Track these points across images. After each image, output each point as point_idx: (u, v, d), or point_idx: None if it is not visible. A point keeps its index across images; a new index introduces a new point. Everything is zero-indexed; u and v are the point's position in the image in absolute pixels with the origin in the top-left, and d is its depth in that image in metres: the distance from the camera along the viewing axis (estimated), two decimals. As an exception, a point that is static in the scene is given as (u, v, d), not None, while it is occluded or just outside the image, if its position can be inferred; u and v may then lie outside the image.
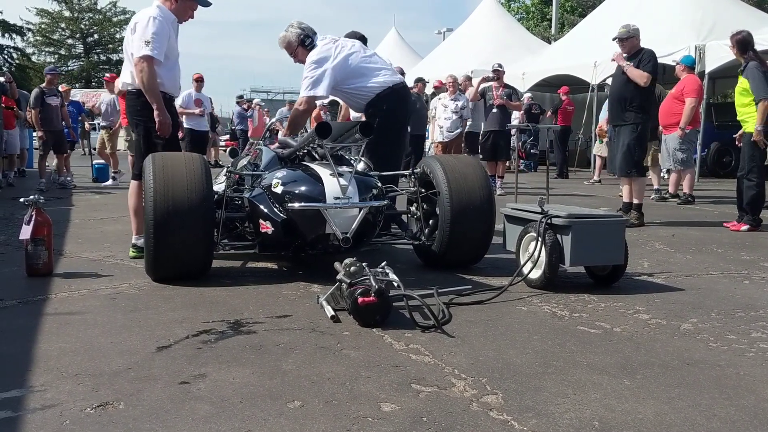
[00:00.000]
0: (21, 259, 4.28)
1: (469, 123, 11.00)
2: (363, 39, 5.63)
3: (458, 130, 10.88)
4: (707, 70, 11.94)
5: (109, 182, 11.22)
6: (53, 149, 10.62)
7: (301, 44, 5.08)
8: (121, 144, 12.69)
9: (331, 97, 5.65)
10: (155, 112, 4.51)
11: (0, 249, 5.18)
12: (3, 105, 10.19)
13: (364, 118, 5.13)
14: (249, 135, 17.17)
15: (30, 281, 4.08)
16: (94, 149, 11.96)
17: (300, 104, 5.06)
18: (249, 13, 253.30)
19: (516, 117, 12.03)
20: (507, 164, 11.03)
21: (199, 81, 12.00)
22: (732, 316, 3.45)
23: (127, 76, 4.63)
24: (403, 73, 9.07)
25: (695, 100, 8.63)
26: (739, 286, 4.17)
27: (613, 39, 6.77)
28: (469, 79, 11.82)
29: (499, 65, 10.56)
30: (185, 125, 11.93)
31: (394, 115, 5.05)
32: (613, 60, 6.86)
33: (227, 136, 23.91)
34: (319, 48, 5.00)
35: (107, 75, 12.28)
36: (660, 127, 9.03)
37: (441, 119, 10.97)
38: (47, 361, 2.64)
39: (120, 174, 11.29)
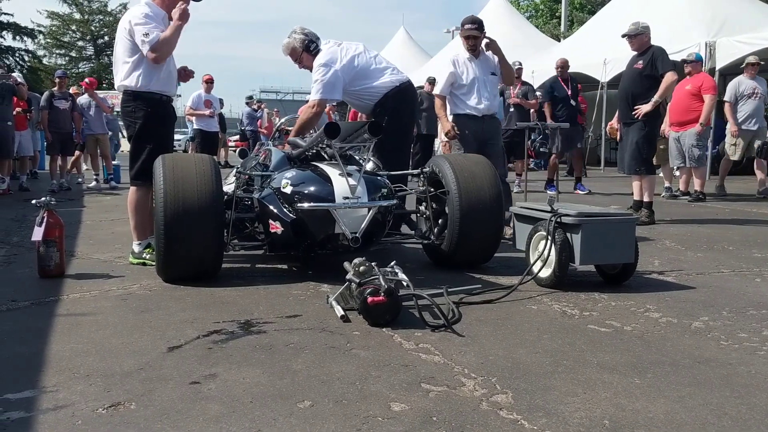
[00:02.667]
0: (33, 260, 4.31)
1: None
2: (481, 24, 5.75)
3: (465, 130, 10.87)
4: (717, 67, 11.86)
5: (93, 184, 11.32)
6: (60, 151, 10.68)
7: (306, 50, 5.10)
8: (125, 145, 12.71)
9: None
10: (178, 16, 4.42)
11: (12, 251, 5.22)
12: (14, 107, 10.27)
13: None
14: (261, 134, 17.19)
15: (42, 282, 4.11)
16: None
17: (312, 107, 5.05)
18: (257, 13, 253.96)
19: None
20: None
21: (209, 82, 12.03)
22: (743, 314, 3.43)
23: (120, 78, 4.54)
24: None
25: (714, 97, 8.64)
26: (750, 284, 4.14)
27: (622, 36, 6.75)
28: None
29: (519, 63, 10.54)
30: (195, 126, 11.96)
31: (401, 114, 5.06)
32: (635, 114, 6.65)
33: (237, 137, 23.96)
34: (325, 51, 5.01)
35: (84, 81, 12.22)
36: (667, 125, 8.98)
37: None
38: (59, 361, 2.66)
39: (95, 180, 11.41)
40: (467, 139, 5.83)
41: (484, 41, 5.84)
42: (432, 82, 12.96)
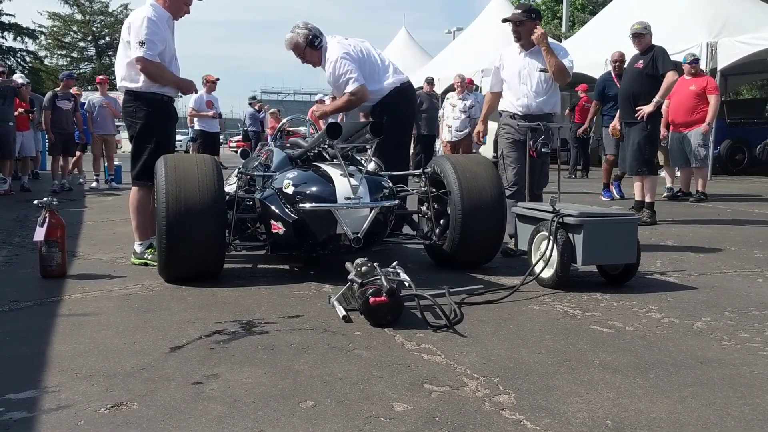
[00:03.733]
0: (35, 260, 4.31)
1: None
2: (530, 11, 5.15)
3: (467, 130, 10.89)
4: (719, 68, 11.86)
5: (94, 184, 11.33)
6: (62, 151, 10.69)
7: (310, 45, 5.00)
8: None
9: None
10: (180, 87, 4.59)
11: (14, 251, 5.22)
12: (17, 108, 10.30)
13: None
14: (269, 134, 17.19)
15: (44, 283, 4.11)
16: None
17: (355, 94, 4.85)
18: (258, 14, 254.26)
19: None
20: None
21: (212, 83, 12.01)
22: (746, 314, 3.43)
23: (122, 78, 4.55)
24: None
25: (719, 98, 8.71)
26: (752, 284, 4.14)
27: (631, 35, 6.72)
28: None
29: None
30: (197, 126, 11.95)
31: (401, 113, 5.05)
32: (638, 115, 6.57)
33: (239, 137, 23.97)
34: (337, 45, 4.91)
35: (99, 77, 12.32)
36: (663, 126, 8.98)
37: (449, 119, 10.98)
38: (61, 361, 2.66)
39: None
40: (503, 138, 5.27)
41: (535, 32, 5.08)
42: (430, 82, 12.93)
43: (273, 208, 4.05)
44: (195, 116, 11.81)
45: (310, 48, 5.02)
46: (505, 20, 5.25)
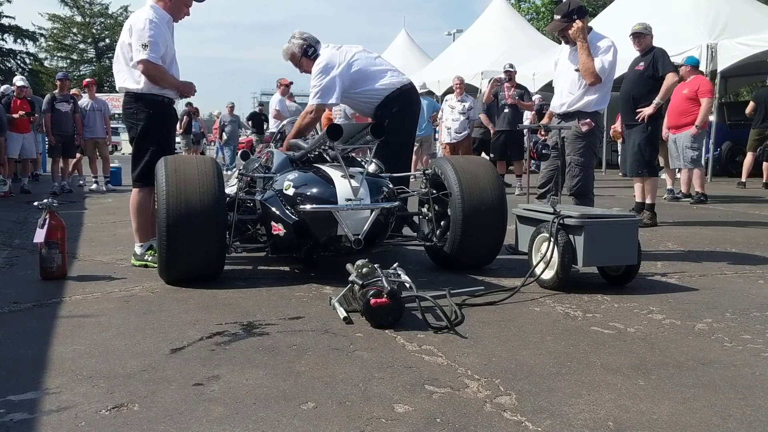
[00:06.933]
0: (35, 262, 4.31)
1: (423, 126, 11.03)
2: (569, 12, 4.98)
3: (466, 132, 10.90)
4: (719, 69, 11.86)
5: (94, 186, 11.30)
6: (61, 153, 10.69)
7: (305, 54, 5.06)
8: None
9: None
10: (180, 89, 4.61)
11: (14, 253, 5.22)
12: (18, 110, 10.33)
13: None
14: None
15: (44, 284, 4.11)
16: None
17: (310, 111, 4.99)
18: (258, 15, 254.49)
19: (527, 118, 11.97)
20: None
21: (286, 86, 12.34)
22: (747, 315, 3.42)
23: (122, 80, 4.55)
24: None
25: (711, 100, 8.69)
26: (753, 285, 4.13)
27: (631, 35, 6.72)
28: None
29: (511, 65, 10.55)
30: (275, 129, 12.22)
31: (402, 116, 5.03)
32: (638, 117, 6.56)
33: (242, 138, 24.07)
34: (324, 55, 4.97)
35: (86, 80, 12.32)
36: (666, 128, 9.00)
37: (448, 120, 10.98)
38: (62, 363, 2.66)
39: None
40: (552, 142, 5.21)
41: (571, 28, 4.99)
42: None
43: (273, 209, 4.05)
44: (278, 118, 12.02)
45: (306, 58, 5.06)
46: (547, 30, 5.21)
